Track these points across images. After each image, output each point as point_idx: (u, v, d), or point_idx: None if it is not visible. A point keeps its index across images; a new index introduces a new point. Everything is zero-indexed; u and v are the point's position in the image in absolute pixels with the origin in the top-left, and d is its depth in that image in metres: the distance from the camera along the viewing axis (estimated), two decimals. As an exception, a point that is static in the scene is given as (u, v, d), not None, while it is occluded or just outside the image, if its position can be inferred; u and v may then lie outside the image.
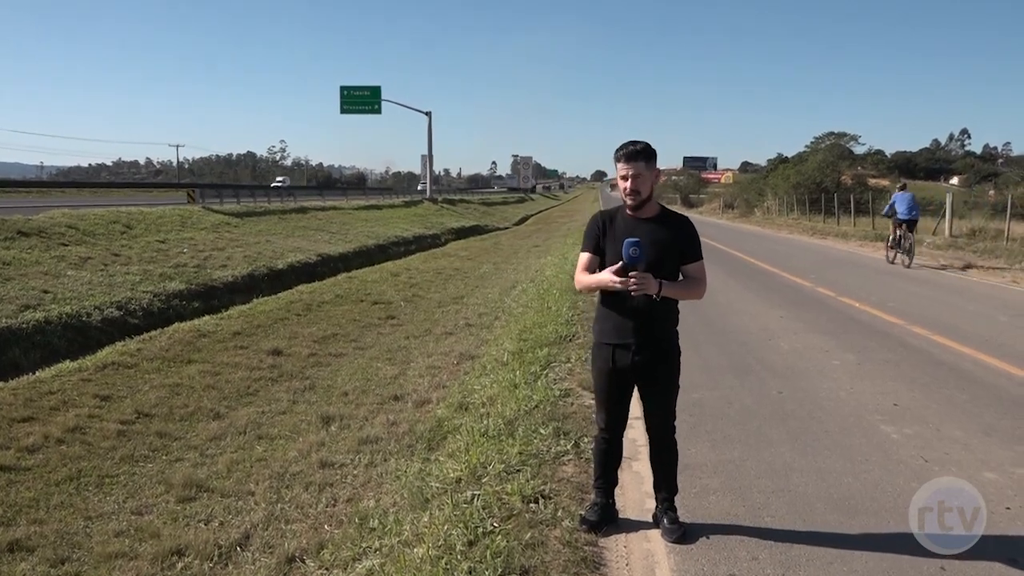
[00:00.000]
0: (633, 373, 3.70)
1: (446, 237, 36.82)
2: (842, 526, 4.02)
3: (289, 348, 10.75)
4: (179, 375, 9.28)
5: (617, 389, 3.78)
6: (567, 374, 7.02)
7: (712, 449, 5.19)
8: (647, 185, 3.59)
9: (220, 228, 24.44)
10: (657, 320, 3.65)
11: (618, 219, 3.71)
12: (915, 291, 13.64)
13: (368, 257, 25.94)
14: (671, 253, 3.62)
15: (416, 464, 5.46)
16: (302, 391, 8.66)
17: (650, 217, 3.66)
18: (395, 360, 9.97)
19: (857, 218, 33.65)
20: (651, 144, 3.60)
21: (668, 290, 3.55)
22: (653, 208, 3.67)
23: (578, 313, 10.19)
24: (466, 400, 6.71)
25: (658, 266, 3.54)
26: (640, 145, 3.57)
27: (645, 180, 3.57)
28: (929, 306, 11.64)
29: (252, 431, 7.26)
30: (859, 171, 53.80)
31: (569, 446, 5.05)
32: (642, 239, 3.48)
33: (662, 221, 3.66)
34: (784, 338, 9.13)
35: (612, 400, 3.81)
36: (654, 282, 3.48)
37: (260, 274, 18.90)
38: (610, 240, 3.65)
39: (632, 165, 3.55)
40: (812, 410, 6.12)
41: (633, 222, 3.64)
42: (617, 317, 3.68)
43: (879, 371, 7.49)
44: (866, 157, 63.20)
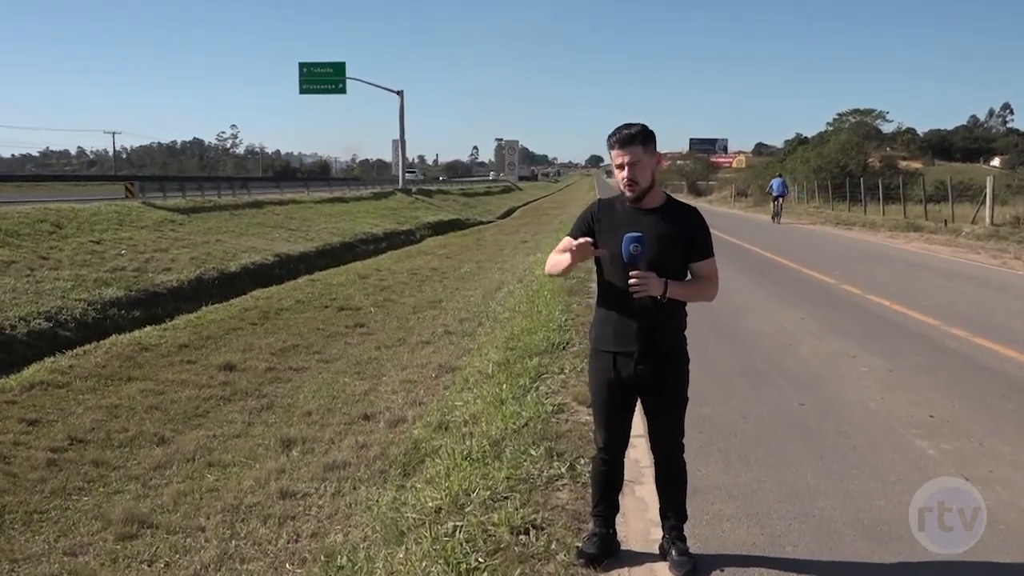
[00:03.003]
0: (636, 385, 3.69)
1: (422, 233, 36.75)
2: (873, 555, 4.03)
3: (243, 362, 10.70)
4: (118, 395, 9.22)
5: (618, 403, 3.77)
6: (560, 387, 7.01)
7: (725, 470, 5.20)
8: (647, 173, 3.58)
9: (163, 226, 24.31)
10: (662, 324, 3.64)
11: (617, 209, 3.70)
12: (953, 287, 13.74)
13: (333, 257, 25.86)
14: (677, 249, 3.61)
15: (389, 492, 5.44)
16: (259, 411, 8.62)
17: (654, 208, 3.64)
18: (365, 374, 9.94)
19: (886, 205, 33.85)
20: (648, 126, 3.59)
21: (674, 291, 3.54)
22: (657, 197, 3.66)
23: (572, 317, 10.20)
24: (446, 418, 6.70)
25: (663, 263, 3.53)
26: (635, 128, 3.56)
27: (644, 168, 3.56)
28: (969, 304, 11.72)
29: (202, 458, 7.22)
30: (888, 152, 54.24)
31: (564, 469, 5.04)
32: (645, 233, 3.46)
33: (667, 212, 3.65)
34: (805, 342, 9.16)
35: (612, 416, 3.81)
36: (658, 282, 3.47)
37: (210, 278, 18.81)
38: (607, 233, 3.63)
39: (627, 151, 3.54)
40: (838, 424, 6.14)
41: (634, 213, 3.63)
42: (617, 321, 3.66)
43: (913, 378, 7.52)
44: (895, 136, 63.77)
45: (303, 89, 54.14)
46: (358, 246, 29.41)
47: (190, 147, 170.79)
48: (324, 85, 54.39)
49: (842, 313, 11.10)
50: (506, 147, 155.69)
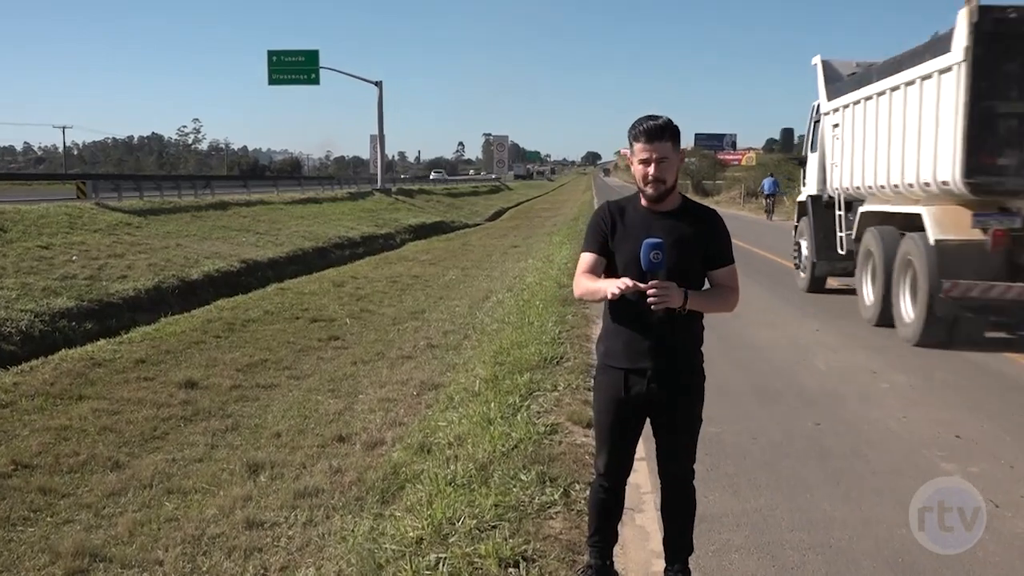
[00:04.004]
0: (647, 405, 3.68)
1: (402, 237, 36.73)
2: (895, 588, 4.05)
3: (206, 379, 10.66)
4: (67, 415, 9.17)
5: (625, 425, 3.76)
6: (554, 405, 7.02)
7: (734, 496, 5.21)
8: (673, 171, 3.57)
9: (118, 230, 24.23)
10: (679, 339, 3.64)
11: (630, 212, 3.68)
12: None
13: (305, 263, 25.80)
14: (696, 255, 3.60)
15: (366, 522, 5.43)
16: (223, 432, 8.59)
17: (670, 211, 3.63)
18: (339, 392, 9.92)
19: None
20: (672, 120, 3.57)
21: (694, 302, 3.51)
22: (674, 199, 3.64)
23: (567, 329, 10.21)
24: (428, 440, 6.69)
25: (682, 272, 3.51)
26: (663, 120, 3.54)
27: (672, 165, 3.55)
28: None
29: (160, 484, 7.18)
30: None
31: (557, 495, 5.05)
32: (664, 239, 3.44)
33: (685, 215, 3.63)
34: (820, 356, 9.20)
35: (617, 439, 3.79)
36: (678, 292, 3.44)
37: (169, 286, 18.74)
38: (622, 239, 3.62)
39: (657, 146, 3.51)
40: (856, 445, 6.16)
41: (649, 217, 3.61)
42: (630, 335, 3.64)
43: (938, 395, 7.56)
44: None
45: (272, 80, 54.00)
46: (333, 251, 29.36)
47: (148, 143, 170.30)
48: (295, 75, 54.26)
49: (861, 324, 11.14)
50: (495, 143, 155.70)
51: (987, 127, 8.83)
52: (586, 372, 8.00)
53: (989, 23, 8.59)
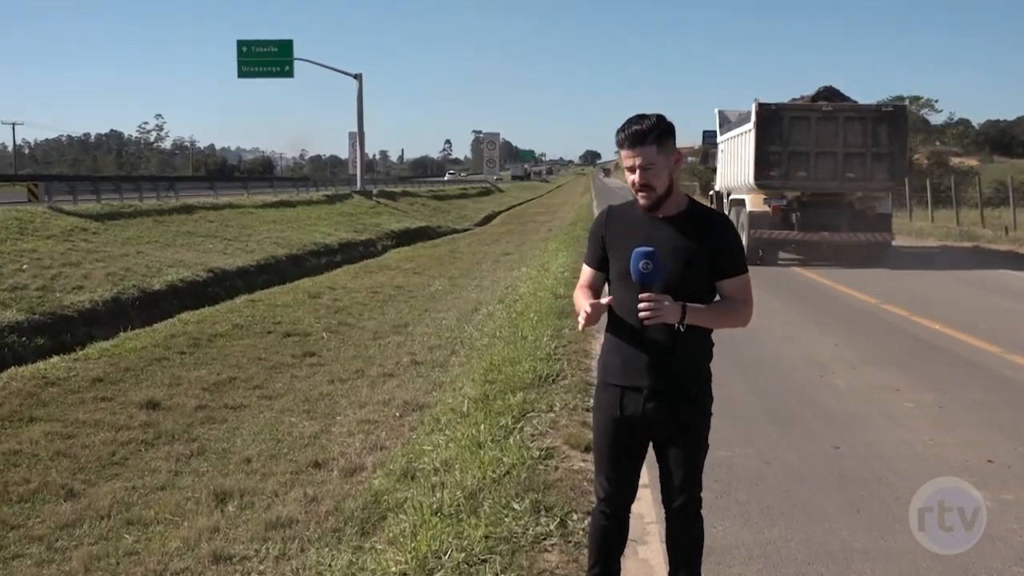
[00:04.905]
0: (645, 426, 3.67)
1: (384, 243, 36.74)
2: (921, 627, 4.06)
3: (170, 399, 10.64)
4: (17, 439, 9.15)
5: (624, 447, 3.74)
6: (549, 427, 7.02)
7: (746, 526, 5.21)
8: (663, 177, 3.55)
9: (74, 235, 24.19)
10: (681, 356, 3.61)
11: (629, 218, 3.69)
12: (1016, 308, 13.87)
13: (278, 272, 25.80)
14: (700, 265, 3.58)
15: (345, 555, 5.42)
16: (188, 458, 8.57)
17: (672, 216, 3.62)
18: (315, 413, 9.90)
19: (935, 210, 34.13)
20: (665, 117, 3.56)
21: (695, 316, 3.50)
22: (676, 203, 3.63)
23: (564, 344, 10.22)
24: (413, 466, 6.68)
25: (683, 283, 3.50)
26: (647, 122, 3.52)
27: (660, 171, 3.53)
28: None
29: (119, 514, 7.16)
30: (937, 147, 54.58)
31: (553, 525, 5.04)
32: (660, 247, 3.43)
33: (689, 221, 3.62)
34: (840, 373, 9.21)
35: (616, 461, 3.77)
36: (675, 307, 3.43)
37: (129, 298, 18.72)
38: (616, 248, 3.63)
39: (639, 152, 3.50)
40: (878, 470, 6.17)
41: (647, 223, 3.61)
42: (627, 350, 3.63)
43: (967, 416, 7.57)
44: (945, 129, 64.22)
45: (242, 72, 53.96)
46: (308, 259, 29.36)
47: (106, 141, 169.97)
48: (267, 67, 54.24)
49: (884, 338, 11.18)
50: (485, 141, 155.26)
51: (764, 158, 20.25)
52: (585, 391, 8.00)
53: (764, 110, 20.22)
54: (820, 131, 20.05)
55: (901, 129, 20.52)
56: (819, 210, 20.51)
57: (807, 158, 20.09)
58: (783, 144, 20.13)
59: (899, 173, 21.22)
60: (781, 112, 20.34)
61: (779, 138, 20.10)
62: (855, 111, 20.46)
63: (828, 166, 20.06)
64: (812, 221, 20.45)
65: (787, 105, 20.90)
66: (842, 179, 20.13)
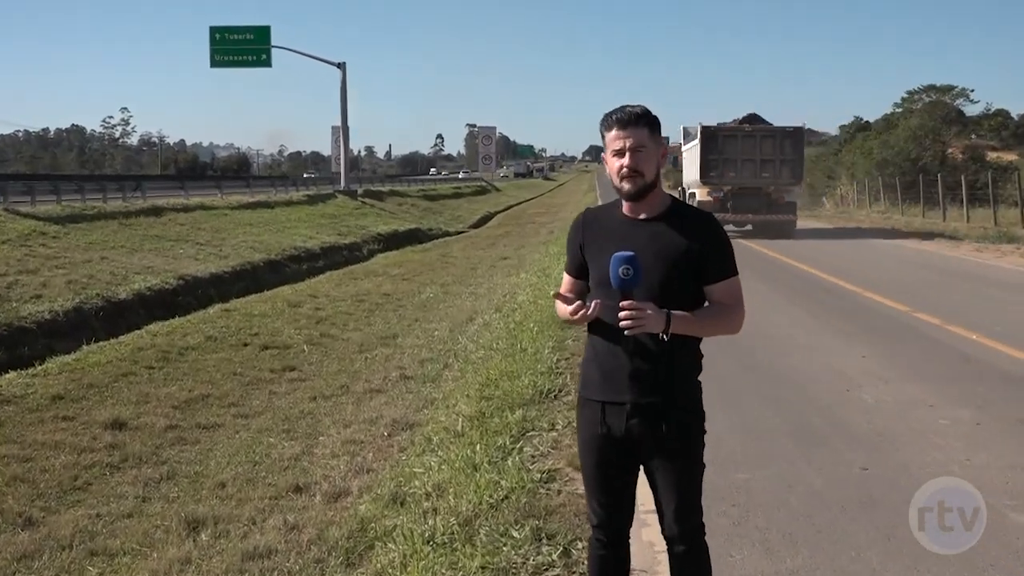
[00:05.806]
0: (632, 445, 3.66)
1: (370, 247, 36.79)
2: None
3: (137, 418, 10.63)
4: (-30, 462, 9.14)
5: (611, 465, 3.72)
6: (551, 448, 7.02)
7: (766, 555, 5.21)
8: (651, 163, 3.58)
9: (31, 240, 24.20)
10: (666, 368, 3.60)
11: (605, 221, 3.72)
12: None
13: (255, 279, 25.84)
14: (685, 268, 3.58)
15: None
16: (156, 482, 8.56)
17: (653, 216, 3.64)
18: (296, 433, 9.90)
19: (972, 209, 34.15)
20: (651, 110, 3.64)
21: (681, 325, 3.49)
22: (657, 202, 3.66)
23: (567, 356, 10.22)
24: (402, 490, 6.69)
25: (666, 289, 3.51)
26: (638, 108, 3.60)
27: (649, 155, 3.57)
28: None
29: (82, 544, 7.15)
30: (973, 140, 54.51)
31: (555, 555, 5.04)
32: (641, 250, 3.45)
33: (672, 222, 3.63)
34: (868, 388, 9.21)
35: (605, 482, 3.76)
36: (659, 315, 3.43)
37: (93, 308, 18.72)
38: (594, 253, 3.64)
39: (631, 132, 3.55)
40: (910, 494, 6.15)
41: (627, 225, 3.63)
42: (608, 362, 3.63)
43: (1008, 434, 7.58)
44: (982, 120, 64.14)
45: (215, 61, 54.04)
46: (288, 265, 29.39)
47: (68, 137, 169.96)
48: (242, 56, 54.34)
49: (916, 350, 11.17)
50: (480, 135, 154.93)
51: (707, 163, 32.02)
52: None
53: (706, 131, 32.42)
54: (744, 144, 31.90)
55: (799, 143, 32.29)
56: (745, 199, 31.61)
57: (736, 163, 31.82)
58: (719, 154, 31.90)
59: (799, 174, 32.54)
60: (718, 132, 32.41)
61: (716, 150, 31.92)
62: (768, 131, 32.15)
63: (750, 168, 31.75)
64: (740, 206, 31.53)
65: (722, 127, 32.88)
66: (760, 178, 31.60)
